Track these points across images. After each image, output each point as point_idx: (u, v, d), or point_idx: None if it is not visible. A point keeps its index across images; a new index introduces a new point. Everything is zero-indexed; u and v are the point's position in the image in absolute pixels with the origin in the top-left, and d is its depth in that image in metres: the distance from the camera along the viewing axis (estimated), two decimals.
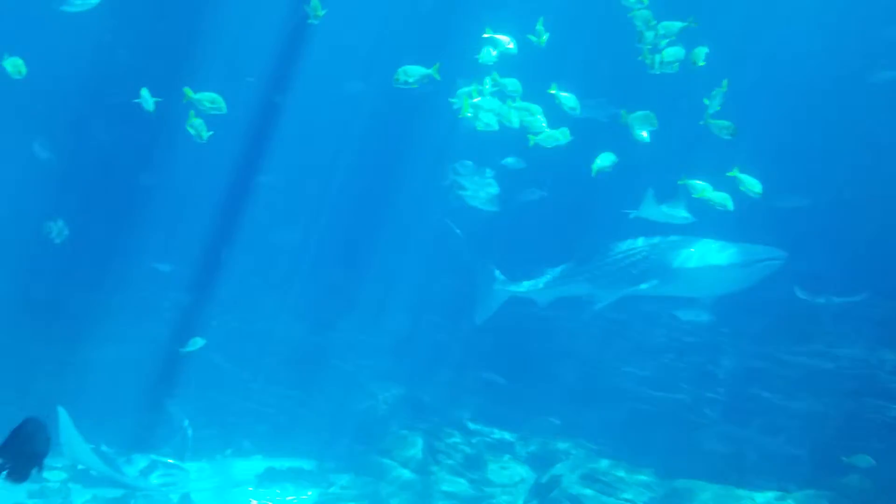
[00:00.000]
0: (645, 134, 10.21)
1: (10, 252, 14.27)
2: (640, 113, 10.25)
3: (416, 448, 12.31)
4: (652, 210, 11.48)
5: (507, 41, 10.32)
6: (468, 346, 14.14)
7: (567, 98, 10.36)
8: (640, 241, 12.23)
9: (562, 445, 12.49)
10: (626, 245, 12.29)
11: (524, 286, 13.08)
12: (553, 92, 10.33)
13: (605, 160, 10.34)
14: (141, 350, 14.97)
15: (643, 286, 12.02)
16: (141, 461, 13.16)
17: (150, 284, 15.39)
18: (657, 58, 10.17)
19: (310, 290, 15.21)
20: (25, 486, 12.69)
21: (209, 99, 9.90)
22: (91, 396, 14.44)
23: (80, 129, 14.90)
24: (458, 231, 13.28)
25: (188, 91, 9.74)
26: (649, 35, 10.13)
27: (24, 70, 10.64)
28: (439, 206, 13.46)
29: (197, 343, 12.84)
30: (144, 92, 10.76)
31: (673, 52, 10.11)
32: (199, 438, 14.45)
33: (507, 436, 12.88)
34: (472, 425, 13.00)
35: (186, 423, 14.00)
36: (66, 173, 14.70)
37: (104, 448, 13.38)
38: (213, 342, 15.13)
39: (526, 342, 13.90)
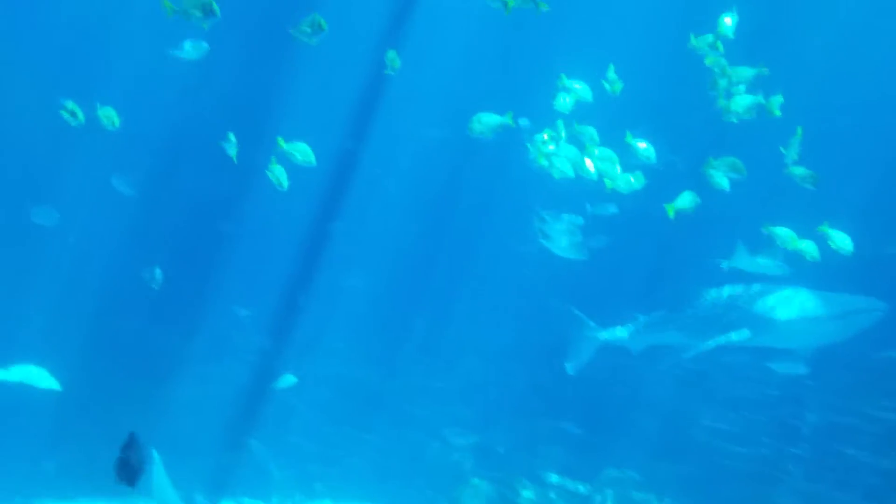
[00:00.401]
0: (725, 181, 9.99)
1: (98, 292, 14.77)
2: (725, 159, 10.05)
3: (487, 497, 12.19)
4: (745, 261, 11.20)
5: (581, 88, 10.32)
6: (542, 395, 13.98)
7: (643, 147, 10.25)
8: (733, 290, 11.97)
9: (638, 498, 12.18)
10: (717, 293, 12.03)
11: (616, 333, 12.87)
12: (629, 141, 10.26)
13: (685, 201, 10.08)
14: (221, 391, 15.26)
15: (735, 336, 11.72)
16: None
17: (230, 327, 15.74)
18: (731, 105, 10.03)
19: (384, 335, 15.28)
20: None
21: (300, 150, 10.09)
22: (173, 435, 14.77)
23: (167, 174, 15.42)
24: (547, 280, 13.13)
25: (281, 141, 9.93)
26: (723, 82, 10.00)
27: (116, 121, 10.97)
28: (517, 251, 13.44)
29: (288, 380, 12.98)
30: (231, 136, 11.01)
31: (744, 101, 9.94)
32: (271, 482, 14.60)
33: (582, 487, 12.63)
34: (545, 475, 12.81)
35: (272, 464, 14.12)
36: (153, 217, 15.22)
37: (199, 498, 13.60)
38: (289, 384, 15.38)
39: (602, 391, 13.65)
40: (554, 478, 12.77)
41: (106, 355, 14.94)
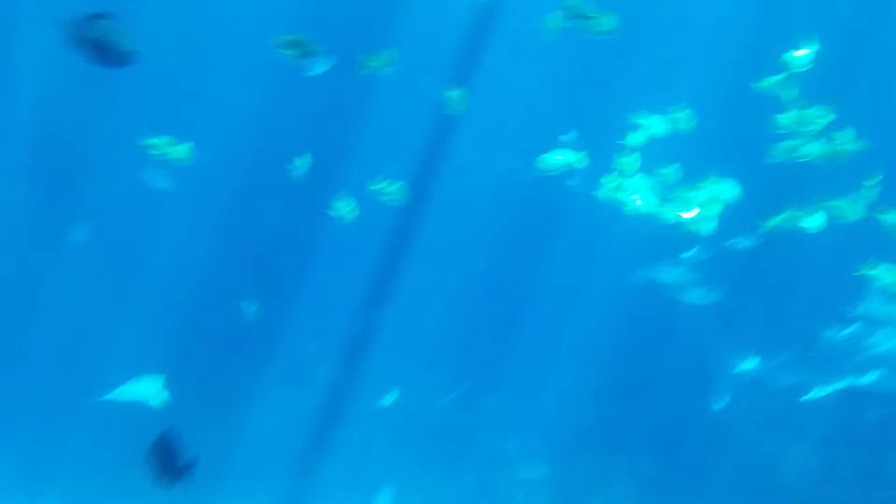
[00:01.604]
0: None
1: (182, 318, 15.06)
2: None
3: None
4: (878, 305, 10.84)
5: (655, 122, 10.12)
6: (619, 431, 13.71)
7: (724, 186, 9.97)
8: (861, 330, 11.57)
9: None
10: (848, 331, 11.64)
11: (756, 367, 12.42)
12: (706, 182, 9.99)
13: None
14: (293, 421, 15.40)
15: (867, 378, 11.30)
16: None
17: (302, 358, 15.91)
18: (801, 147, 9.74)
19: (457, 365, 15.22)
20: None
21: (393, 187, 10.18)
22: (247, 462, 14.98)
23: (242, 206, 15.69)
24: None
25: (372, 183, 10.02)
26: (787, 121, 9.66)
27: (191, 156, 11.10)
28: (596, 285, 13.27)
29: (393, 395, 13.04)
30: (300, 161, 11.11)
31: (815, 145, 9.60)
32: None
33: None
34: None
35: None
36: (227, 247, 15.49)
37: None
38: (361, 415, 15.43)
39: (680, 429, 13.31)
40: None
41: (187, 378, 15.22)
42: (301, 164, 11.36)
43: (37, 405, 15.03)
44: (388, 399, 13.77)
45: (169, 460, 7.08)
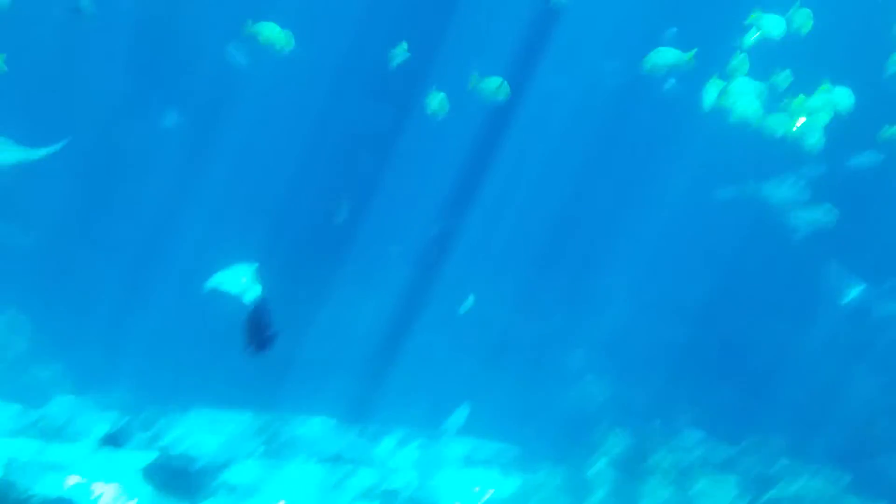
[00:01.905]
0: None
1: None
2: None
3: (625, 447, 11.97)
4: None
5: (772, 21, 9.69)
6: (691, 351, 13.55)
7: (842, 94, 9.56)
8: None
9: (784, 466, 11.66)
10: None
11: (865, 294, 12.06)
12: (825, 89, 9.59)
13: None
14: (367, 322, 15.59)
15: None
16: (407, 438, 13.73)
17: (381, 262, 16.02)
18: None
19: (530, 277, 15.16)
20: None
21: (495, 85, 9.99)
22: (318, 359, 15.22)
23: (329, 115, 15.70)
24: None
25: (474, 77, 9.84)
26: None
27: (291, 43, 11.02)
28: (680, 203, 12.96)
29: (469, 301, 13.32)
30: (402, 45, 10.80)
31: None
32: (409, 416, 14.86)
33: (724, 449, 12.20)
34: (686, 433, 12.44)
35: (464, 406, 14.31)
36: (310, 154, 15.57)
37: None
38: (432, 322, 15.51)
39: (754, 354, 13.13)
40: (694, 436, 12.38)
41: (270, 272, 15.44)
42: (398, 54, 11.19)
43: (126, 290, 15.54)
44: (463, 307, 13.78)
45: (258, 329, 7.40)
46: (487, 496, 12.53)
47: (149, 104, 14.94)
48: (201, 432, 13.82)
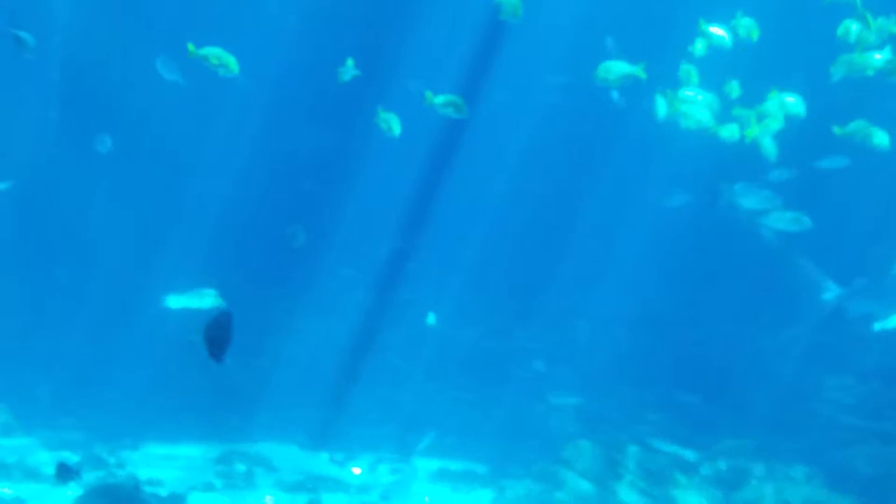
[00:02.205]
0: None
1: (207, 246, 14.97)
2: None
3: (595, 459, 11.91)
4: None
5: (721, 34, 9.85)
6: (653, 361, 13.63)
7: (792, 102, 9.71)
8: None
9: (753, 469, 11.73)
10: None
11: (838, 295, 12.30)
12: (774, 95, 9.73)
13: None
14: (326, 346, 15.37)
15: None
16: (368, 458, 13.41)
17: (336, 286, 15.84)
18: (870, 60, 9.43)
19: (489, 295, 15.11)
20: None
21: (451, 102, 9.81)
22: (276, 387, 14.94)
23: (282, 134, 15.52)
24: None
25: (429, 95, 9.68)
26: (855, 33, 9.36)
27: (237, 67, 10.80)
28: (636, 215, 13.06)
29: (431, 318, 13.23)
30: (349, 62, 10.78)
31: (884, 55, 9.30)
32: (374, 436, 14.65)
33: (692, 455, 12.25)
34: (653, 442, 12.47)
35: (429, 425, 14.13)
36: (268, 176, 15.36)
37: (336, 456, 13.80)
38: (391, 342, 15.37)
39: (718, 360, 13.25)
40: (662, 444, 12.42)
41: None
42: (346, 71, 11.02)
43: (74, 326, 15.13)
44: (422, 327, 13.69)
45: (221, 340, 7.13)
46: None
47: (82, 131, 14.49)
48: (157, 466, 13.46)
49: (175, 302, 10.04)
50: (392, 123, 10.45)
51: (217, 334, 6.96)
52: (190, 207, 15.21)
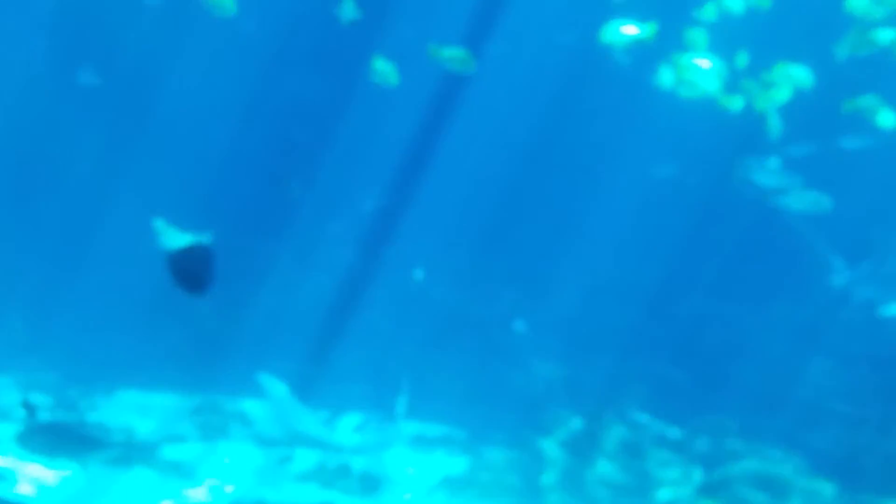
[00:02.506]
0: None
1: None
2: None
3: (575, 429, 11.78)
4: None
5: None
6: (638, 335, 13.49)
7: (797, 71, 9.45)
8: None
9: (734, 446, 11.65)
10: None
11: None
12: (781, 66, 9.47)
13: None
14: (307, 301, 15.16)
15: None
16: (354, 418, 13.30)
17: (319, 241, 15.61)
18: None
19: (476, 257, 14.91)
20: None
21: (458, 56, 9.49)
22: (256, 339, 14.75)
23: (276, 79, 15.17)
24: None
25: (433, 47, 9.32)
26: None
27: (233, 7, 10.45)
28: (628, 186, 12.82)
29: (419, 273, 13.27)
30: (349, 3, 10.41)
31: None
32: (353, 394, 14.50)
33: (674, 431, 12.14)
34: (635, 415, 12.36)
35: (406, 382, 13.93)
36: (256, 123, 15.04)
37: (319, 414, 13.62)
38: (373, 300, 15.16)
39: (703, 337, 13.13)
40: (644, 417, 12.31)
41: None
42: (346, 12, 10.62)
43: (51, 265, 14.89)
44: (407, 287, 13.50)
45: (195, 273, 6.72)
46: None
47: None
48: (131, 413, 13.31)
49: (168, 241, 9.74)
50: (388, 74, 10.17)
51: (190, 266, 6.58)
52: (178, 149, 14.90)
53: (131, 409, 13.69)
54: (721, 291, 12.93)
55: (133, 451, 10.77)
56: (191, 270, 6.54)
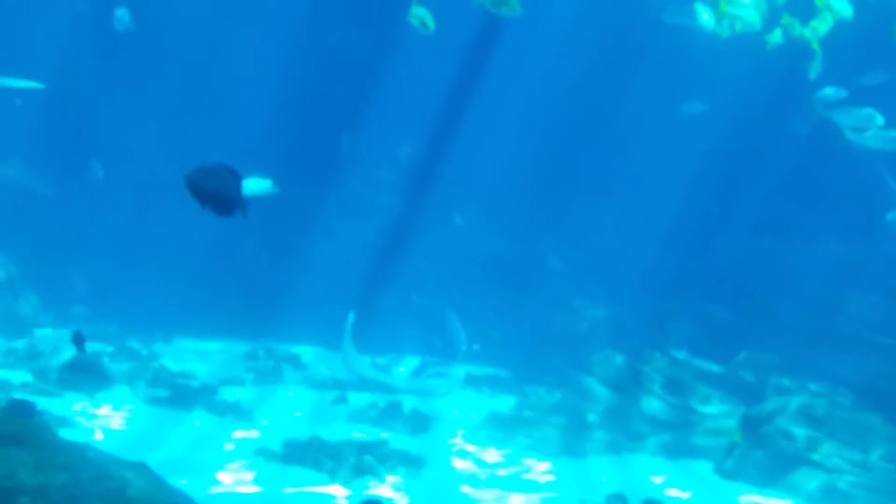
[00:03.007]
0: None
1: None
2: None
3: (618, 368, 11.97)
4: None
5: None
6: (679, 274, 13.57)
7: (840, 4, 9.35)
8: None
9: (776, 382, 11.77)
10: None
11: None
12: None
13: None
14: (353, 249, 15.49)
15: None
16: (413, 362, 13.67)
17: (367, 189, 15.88)
18: None
19: (517, 203, 15.07)
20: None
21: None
22: (306, 286, 15.13)
23: (311, 38, 15.33)
24: None
25: None
26: None
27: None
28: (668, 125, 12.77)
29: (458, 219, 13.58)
30: None
31: None
32: (399, 338, 14.87)
33: (715, 367, 12.29)
34: (676, 352, 12.51)
35: (461, 330, 14.29)
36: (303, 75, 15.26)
37: (378, 360, 14.02)
38: (420, 246, 15.44)
39: (745, 275, 13.18)
40: (685, 355, 12.46)
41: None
42: None
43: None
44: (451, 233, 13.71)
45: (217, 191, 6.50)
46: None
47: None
48: (188, 360, 13.79)
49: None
50: (426, 20, 10.24)
51: (211, 185, 6.33)
52: (223, 105, 15.19)
53: (189, 355, 14.25)
54: (764, 227, 12.92)
55: (193, 394, 11.20)
56: (216, 191, 6.36)
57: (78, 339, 9.31)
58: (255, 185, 8.74)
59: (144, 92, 15.13)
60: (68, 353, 11.85)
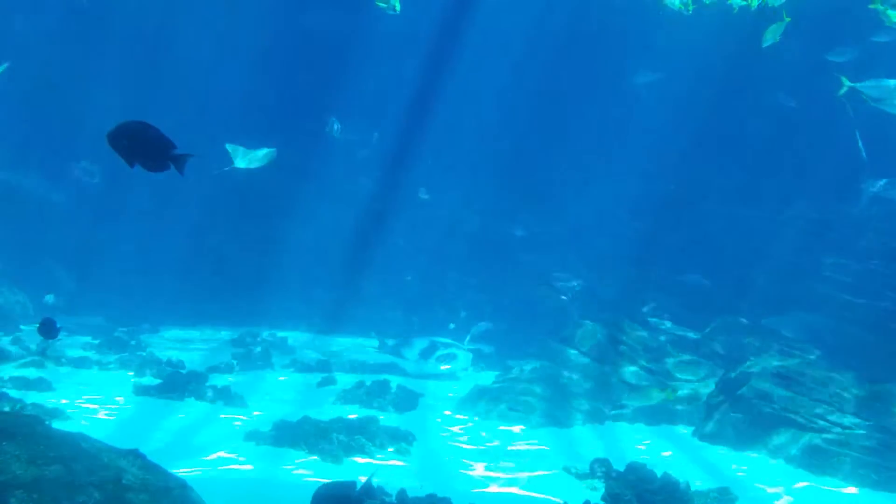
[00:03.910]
0: None
1: None
2: None
3: (597, 337, 12.22)
4: None
5: None
6: (653, 244, 13.81)
7: None
8: None
9: (751, 344, 12.05)
10: None
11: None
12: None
13: None
14: (333, 232, 15.62)
15: None
16: (421, 343, 13.84)
17: (343, 172, 15.98)
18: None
19: (490, 182, 15.23)
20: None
21: None
22: (289, 272, 15.26)
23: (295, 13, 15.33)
24: None
25: None
26: None
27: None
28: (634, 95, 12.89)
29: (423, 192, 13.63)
30: None
31: None
32: (382, 322, 15.04)
33: (691, 333, 12.57)
34: (653, 320, 12.77)
35: (463, 313, 14.45)
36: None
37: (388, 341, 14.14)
38: (397, 228, 15.60)
39: (716, 242, 13.43)
40: (662, 322, 12.72)
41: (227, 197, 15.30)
42: None
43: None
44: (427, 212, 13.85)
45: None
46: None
47: None
48: (176, 349, 13.90)
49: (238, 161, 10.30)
50: (393, 2, 10.34)
51: (133, 140, 6.25)
52: (199, 94, 15.23)
53: (177, 344, 14.36)
54: (734, 197, 13.16)
55: (182, 381, 11.33)
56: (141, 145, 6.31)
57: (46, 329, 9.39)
58: (258, 154, 9.02)
59: (120, 84, 15.14)
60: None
